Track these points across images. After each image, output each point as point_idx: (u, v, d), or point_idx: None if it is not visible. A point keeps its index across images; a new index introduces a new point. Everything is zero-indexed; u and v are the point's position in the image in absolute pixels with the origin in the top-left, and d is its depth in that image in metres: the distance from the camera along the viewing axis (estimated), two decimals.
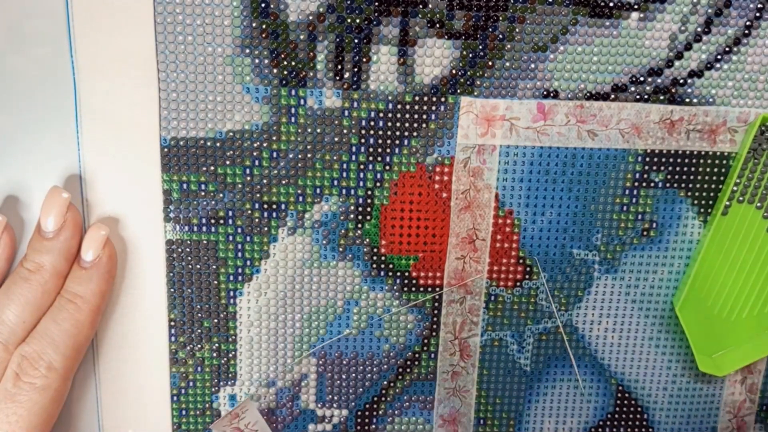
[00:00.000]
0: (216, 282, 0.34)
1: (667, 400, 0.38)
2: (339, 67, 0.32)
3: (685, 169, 0.35)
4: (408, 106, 0.33)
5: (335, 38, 0.31)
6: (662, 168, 0.34)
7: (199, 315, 0.34)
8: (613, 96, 0.33)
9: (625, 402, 0.38)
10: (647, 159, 0.34)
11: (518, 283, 0.35)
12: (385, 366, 0.36)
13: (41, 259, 0.30)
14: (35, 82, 0.31)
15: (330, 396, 0.36)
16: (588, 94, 0.33)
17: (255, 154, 0.33)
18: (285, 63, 0.32)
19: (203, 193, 0.33)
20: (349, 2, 0.31)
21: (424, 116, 0.33)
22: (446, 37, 0.32)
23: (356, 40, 0.32)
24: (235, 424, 0.35)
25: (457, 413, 0.37)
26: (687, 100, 0.34)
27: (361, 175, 0.33)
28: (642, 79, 0.33)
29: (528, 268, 0.35)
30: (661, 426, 0.38)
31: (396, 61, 0.32)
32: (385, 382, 0.36)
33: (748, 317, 0.36)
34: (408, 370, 0.36)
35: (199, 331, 0.34)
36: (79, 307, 0.31)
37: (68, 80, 0.31)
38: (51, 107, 0.31)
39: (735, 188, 0.35)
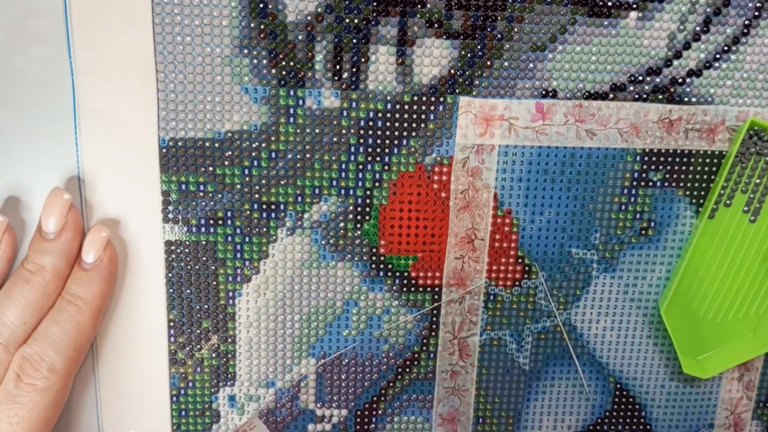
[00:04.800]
0: (215, 283, 0.34)
1: (665, 397, 0.38)
2: (337, 67, 0.32)
3: (684, 168, 0.35)
4: (407, 106, 0.33)
5: (334, 38, 0.31)
6: (661, 167, 0.34)
7: (198, 316, 0.34)
8: (611, 95, 0.33)
9: (623, 400, 0.38)
10: (646, 158, 0.34)
11: (517, 283, 0.35)
12: (385, 366, 0.36)
13: (42, 260, 0.30)
14: (34, 83, 0.31)
15: (329, 396, 0.36)
16: (587, 94, 0.33)
17: (254, 154, 0.32)
18: (283, 63, 0.31)
19: (202, 194, 0.33)
20: (347, 2, 0.31)
21: (423, 116, 0.33)
22: (445, 37, 0.32)
23: (355, 41, 0.31)
24: None
25: (456, 412, 0.37)
26: (686, 99, 0.34)
27: (360, 175, 0.33)
28: (641, 78, 0.33)
29: (526, 268, 0.35)
30: (658, 423, 0.38)
31: (394, 61, 0.32)
32: (385, 382, 0.36)
33: (734, 320, 0.37)
34: (407, 369, 0.36)
35: (198, 331, 0.34)
36: (80, 308, 0.31)
37: (67, 81, 0.31)
38: (50, 107, 0.31)
39: (722, 191, 0.35)
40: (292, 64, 0.32)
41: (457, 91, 0.33)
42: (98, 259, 0.31)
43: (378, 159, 0.33)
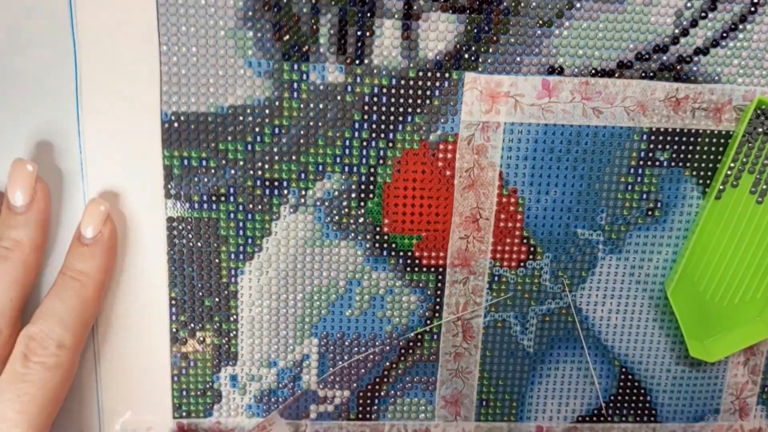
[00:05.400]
0: (217, 260, 0.34)
1: (670, 381, 0.37)
2: (342, 41, 0.31)
3: (691, 147, 0.34)
4: (411, 82, 0.32)
5: (338, 11, 0.31)
6: (667, 147, 0.34)
7: (200, 294, 0.34)
8: (618, 73, 0.33)
9: (628, 384, 0.37)
10: (652, 137, 0.34)
11: (522, 264, 0.35)
12: (388, 347, 0.36)
13: (18, 234, 0.30)
14: (35, 54, 0.30)
15: (332, 377, 0.36)
16: (593, 71, 0.33)
17: (257, 129, 0.32)
18: (287, 37, 0.31)
19: (204, 170, 0.32)
20: None
21: (428, 92, 0.32)
22: (451, 11, 0.32)
23: (360, 14, 0.31)
24: None
25: (459, 394, 0.37)
26: (692, 77, 0.33)
27: (364, 152, 0.33)
28: (647, 56, 0.33)
29: (532, 248, 0.35)
30: (663, 408, 0.38)
31: (400, 35, 0.32)
32: (388, 363, 0.36)
33: (741, 303, 0.36)
34: (410, 351, 0.36)
35: (200, 310, 0.34)
36: (83, 283, 0.30)
37: (69, 52, 0.30)
38: (50, 80, 0.31)
39: (729, 172, 0.34)
40: (296, 37, 0.31)
41: (462, 66, 0.32)
42: (98, 233, 0.31)
43: (382, 136, 0.33)
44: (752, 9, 0.33)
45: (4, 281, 0.30)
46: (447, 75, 0.32)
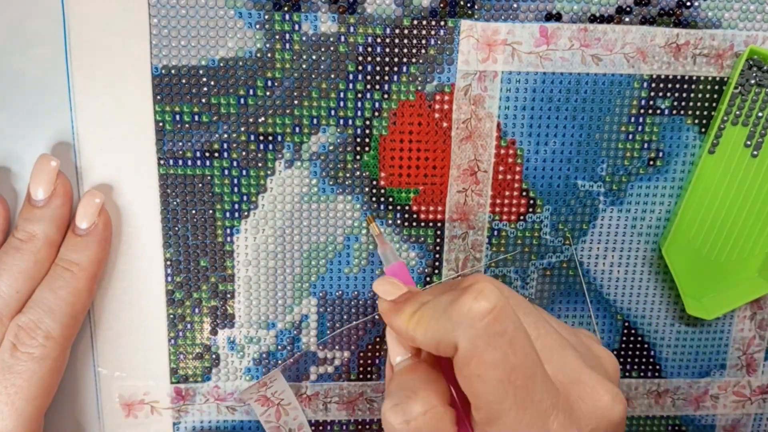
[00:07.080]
0: (212, 219, 0.33)
1: (674, 336, 0.37)
2: None
3: (692, 95, 0.34)
4: (406, 31, 0.32)
5: None
6: (668, 94, 0.33)
7: (195, 254, 0.33)
8: (617, 18, 0.32)
9: (632, 338, 0.37)
10: (653, 85, 0.33)
11: (521, 217, 0.35)
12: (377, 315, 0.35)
13: (32, 228, 0.30)
14: (22, 13, 0.30)
15: (331, 338, 0.35)
16: (592, 17, 0.32)
17: (249, 82, 0.31)
18: None
19: (197, 125, 0.32)
20: None
21: (423, 41, 0.32)
22: None
23: None
24: (263, 392, 0.34)
25: None
26: (693, 22, 0.33)
27: (359, 104, 0.32)
28: (646, 0, 0.32)
29: (531, 201, 0.34)
30: (668, 363, 0.37)
31: None
32: None
33: (738, 260, 0.35)
34: None
35: (196, 270, 0.34)
36: (75, 274, 0.30)
37: (57, 7, 0.30)
38: (37, 34, 0.30)
39: (722, 125, 0.34)
40: None
41: (458, 14, 0.32)
42: (92, 224, 0.30)
43: (377, 87, 0.32)
44: None
45: (13, 272, 0.29)
46: (442, 23, 0.32)
